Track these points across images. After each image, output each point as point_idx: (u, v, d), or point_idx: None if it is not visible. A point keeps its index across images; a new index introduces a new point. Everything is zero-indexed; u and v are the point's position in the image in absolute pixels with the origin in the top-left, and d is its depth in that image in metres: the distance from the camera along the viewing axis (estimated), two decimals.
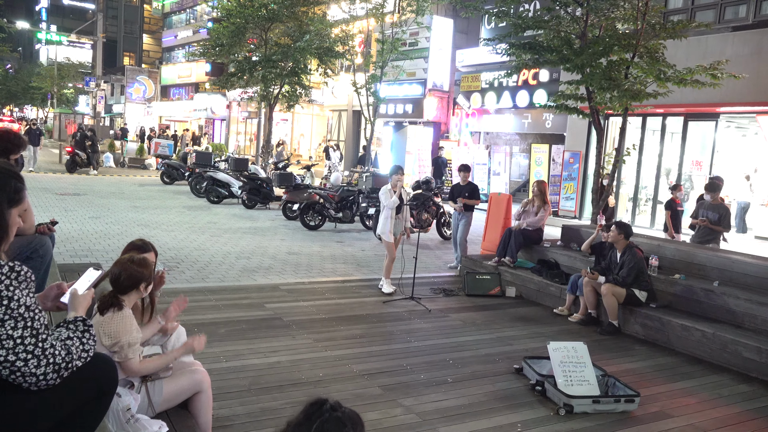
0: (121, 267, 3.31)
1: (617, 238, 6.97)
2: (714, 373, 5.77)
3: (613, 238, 7.00)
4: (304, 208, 13.10)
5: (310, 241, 11.69)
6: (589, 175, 16.75)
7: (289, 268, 9.15)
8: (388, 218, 7.79)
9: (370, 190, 13.30)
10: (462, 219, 9.91)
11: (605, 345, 6.42)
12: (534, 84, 19.52)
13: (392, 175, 7.91)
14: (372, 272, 9.25)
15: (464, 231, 9.93)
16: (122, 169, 25.32)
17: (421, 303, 7.47)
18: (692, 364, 6.00)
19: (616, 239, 6.98)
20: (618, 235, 6.96)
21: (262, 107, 24.21)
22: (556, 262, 8.50)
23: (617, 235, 6.96)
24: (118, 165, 26.51)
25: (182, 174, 19.90)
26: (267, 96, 21.19)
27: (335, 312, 6.82)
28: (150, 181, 21.08)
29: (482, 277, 8.38)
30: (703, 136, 15.40)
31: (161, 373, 3.43)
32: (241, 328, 5.95)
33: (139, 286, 3.31)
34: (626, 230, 6.99)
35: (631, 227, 7.12)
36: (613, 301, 6.76)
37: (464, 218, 9.91)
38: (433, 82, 23.31)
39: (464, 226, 9.93)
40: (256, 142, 27.74)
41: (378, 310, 7.09)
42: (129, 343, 3.21)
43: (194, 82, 42.54)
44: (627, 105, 10.32)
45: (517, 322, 7.09)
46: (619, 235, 6.95)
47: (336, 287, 8.06)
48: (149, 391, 3.37)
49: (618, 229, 6.97)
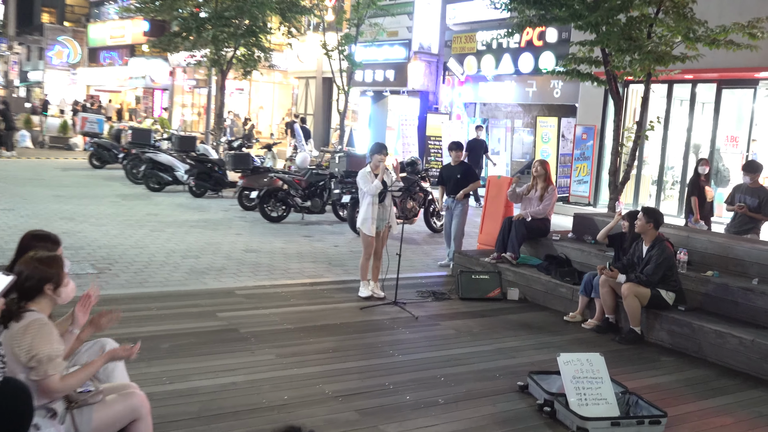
0: (23, 266, 3.28)
1: (645, 227, 6.99)
2: (753, 387, 5.85)
3: (640, 227, 7.02)
4: (264, 196, 13.03)
5: (271, 235, 11.65)
6: (605, 153, 16.87)
7: (247, 268, 9.11)
8: (369, 207, 7.78)
9: (345, 174, 13.27)
10: (457, 208, 9.93)
11: (626, 356, 6.47)
12: (540, 45, 19.57)
13: (373, 154, 7.89)
14: (347, 273, 9.23)
15: (460, 222, 9.95)
16: (42, 150, 25.01)
17: (406, 309, 7.46)
18: (728, 377, 6.07)
19: (644, 229, 7.00)
20: (646, 224, 6.97)
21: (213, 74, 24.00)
22: (567, 258, 8.54)
23: (645, 224, 6.97)
24: (37, 145, 26.14)
25: (115, 156, 19.70)
26: (218, 60, 20.99)
27: (303, 321, 6.79)
28: (76, 165, 20.84)
29: (479, 277, 8.40)
30: (740, 107, 15.55)
31: (90, 399, 3.39)
32: (189, 343, 5.91)
33: (44, 288, 3.28)
34: (656, 218, 7.00)
35: (661, 215, 7.16)
36: (636, 304, 6.82)
37: (459, 207, 9.92)
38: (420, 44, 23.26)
39: (459, 216, 9.94)
40: (206, 116, 27.53)
41: (354, 318, 7.07)
42: (49, 356, 3.17)
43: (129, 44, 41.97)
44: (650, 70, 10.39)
45: (521, 330, 7.12)
46: (648, 224, 6.96)
47: (304, 291, 8.03)
48: (75, 420, 3.33)
49: (646, 217, 6.98)
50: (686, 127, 15.95)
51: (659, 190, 16.61)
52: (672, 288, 6.89)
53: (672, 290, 6.89)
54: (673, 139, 16.53)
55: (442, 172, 10.23)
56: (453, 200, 9.90)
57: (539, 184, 9.07)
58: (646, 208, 7.16)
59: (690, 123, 15.90)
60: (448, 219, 10.11)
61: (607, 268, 7.10)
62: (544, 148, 18.86)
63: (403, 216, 9.09)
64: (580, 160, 17.62)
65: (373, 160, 7.87)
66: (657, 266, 6.81)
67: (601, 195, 17.20)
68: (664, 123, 15.88)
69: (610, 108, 16.28)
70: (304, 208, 13.28)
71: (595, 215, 9.84)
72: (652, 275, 6.82)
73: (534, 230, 8.97)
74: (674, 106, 16.55)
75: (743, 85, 14.99)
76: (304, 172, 13.76)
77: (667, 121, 16.11)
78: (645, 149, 16.52)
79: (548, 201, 8.97)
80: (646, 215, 7.00)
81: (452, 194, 9.91)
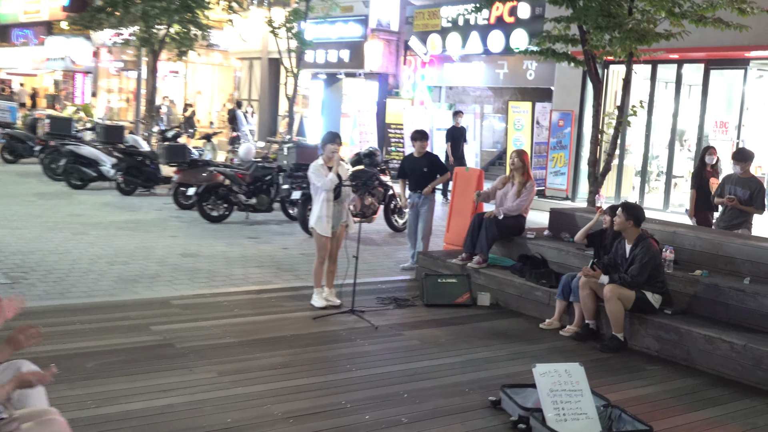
0: None
1: (625, 225, 7.11)
2: (746, 396, 5.97)
3: (619, 225, 7.14)
4: (203, 192, 12.91)
5: (212, 237, 11.57)
6: (584, 142, 17.08)
7: (184, 275, 9.04)
8: (324, 204, 7.75)
9: (295, 167, 13.21)
10: (424, 204, 9.97)
11: (608, 365, 6.56)
12: (511, 22, 19.75)
13: (325, 144, 7.87)
14: (298, 278, 9.21)
15: (428, 219, 10.00)
16: None
17: (364, 318, 7.47)
18: (719, 386, 6.19)
19: (624, 227, 7.12)
20: (626, 221, 7.09)
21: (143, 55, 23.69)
22: (543, 258, 8.63)
23: (624, 221, 7.09)
24: None
25: (31, 149, 19.32)
26: (149, 39, 20.72)
27: (248, 334, 6.76)
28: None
29: (446, 280, 8.44)
30: (729, 89, 15.89)
31: (3, 428, 3.33)
32: (118, 361, 5.84)
33: None
34: (636, 214, 7.13)
35: (642, 210, 7.28)
36: (619, 308, 6.92)
37: (426, 203, 9.96)
38: (378, 20, 23.28)
39: (427, 213, 9.99)
40: (136, 103, 27.17)
41: (307, 329, 7.06)
42: None
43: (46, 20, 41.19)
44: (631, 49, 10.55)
45: (493, 339, 7.16)
46: (627, 222, 7.08)
47: (249, 300, 7.99)
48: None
49: (625, 214, 7.10)
50: (672, 111, 16.24)
51: (643, 182, 16.89)
52: (658, 289, 7.01)
53: (658, 292, 7.01)
54: (658, 125, 16.82)
55: (404, 164, 10.24)
56: (419, 196, 9.95)
57: (516, 179, 9.09)
58: (625, 204, 7.29)
59: (676, 107, 16.20)
60: (412, 217, 10.13)
61: (590, 266, 7.20)
62: (516, 136, 19.03)
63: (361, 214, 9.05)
64: (556, 150, 17.82)
65: (326, 151, 7.84)
66: (642, 266, 6.92)
67: (580, 188, 17.42)
68: (647, 108, 16.09)
69: (588, 91, 16.51)
70: (248, 206, 13.19)
71: (573, 210, 9.95)
72: (637, 276, 6.93)
73: (506, 229, 9.01)
74: (659, 88, 16.85)
75: (733, 65, 15.30)
76: (249, 166, 13.66)
77: (651, 106, 16.36)
78: (627, 137, 16.78)
79: (525, 197, 9.01)
80: (625, 212, 7.10)
81: (418, 189, 9.94)
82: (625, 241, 7.20)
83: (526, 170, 9.13)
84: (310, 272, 8.29)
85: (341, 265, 8.02)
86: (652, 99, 16.45)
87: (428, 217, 10.01)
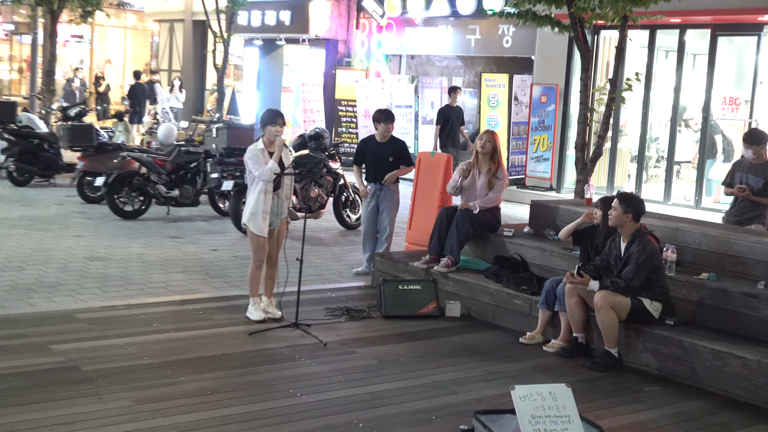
0: None
1: (622, 219, 7.15)
2: (761, 421, 6.07)
3: (616, 219, 7.19)
4: (114, 182, 12.76)
5: (126, 237, 11.48)
6: (571, 121, 17.20)
7: (92, 283, 8.97)
8: (261, 197, 7.70)
9: (226, 152, 13.12)
10: (386, 197, 9.97)
11: (600, 386, 6.63)
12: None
13: (265, 126, 7.81)
14: (230, 286, 9.17)
15: (391, 215, 10.02)
16: None
17: (310, 333, 7.46)
18: (729, 409, 6.29)
19: (621, 221, 7.17)
20: (623, 214, 7.13)
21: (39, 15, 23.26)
22: (523, 259, 8.69)
23: (622, 214, 7.14)
24: None
25: None
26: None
27: (170, 353, 6.72)
28: None
29: (408, 287, 8.45)
30: (740, 60, 16.09)
31: None
32: (10, 388, 5.76)
33: None
34: (636, 207, 7.18)
35: (642, 202, 7.36)
36: (612, 318, 6.97)
37: (389, 195, 9.97)
38: None
39: (391, 208, 10.00)
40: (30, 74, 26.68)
41: (241, 347, 7.03)
42: None
43: None
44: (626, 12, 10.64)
45: (464, 356, 7.20)
46: (626, 215, 7.13)
47: (171, 313, 7.94)
48: None
49: (623, 206, 7.14)
50: (673, 86, 16.36)
51: (641, 169, 17.01)
52: (658, 296, 7.09)
53: (657, 299, 7.09)
54: (657, 102, 16.93)
55: (363, 149, 10.17)
56: (380, 187, 9.94)
57: (484, 166, 9.10)
58: (623, 195, 7.32)
59: (678, 81, 16.31)
60: (371, 212, 10.11)
61: (576, 272, 7.26)
62: (491, 114, 19.09)
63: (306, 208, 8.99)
64: (538, 131, 17.92)
65: (267, 133, 7.80)
66: (638, 267, 6.98)
67: (567, 176, 17.55)
68: (645, 81, 16.21)
69: (576, 62, 16.58)
70: (169, 199, 13.08)
71: (558, 203, 10.00)
72: (632, 279, 7.00)
73: (480, 225, 9.02)
74: (658, 59, 16.97)
75: (744, 31, 15.46)
76: (170, 150, 13.52)
77: (649, 79, 16.47)
78: (621, 115, 16.91)
79: (500, 187, 9.08)
80: (623, 203, 7.15)
81: (378, 180, 9.92)
82: (620, 238, 7.27)
83: (498, 156, 9.18)
84: (245, 278, 8.25)
85: (282, 269, 8.00)
86: (650, 71, 16.55)
87: (392, 213, 10.01)
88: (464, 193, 9.19)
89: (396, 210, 10.09)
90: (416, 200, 10.83)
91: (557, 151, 17.71)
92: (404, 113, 20.54)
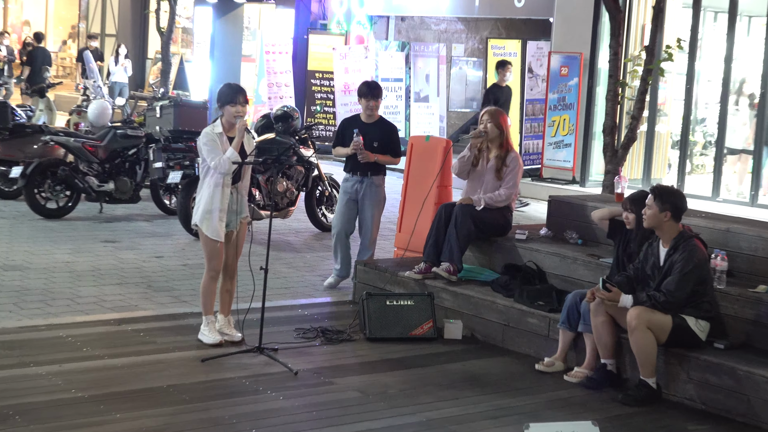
0: None
1: (659, 219, 7.09)
2: None
3: (651, 220, 7.12)
4: (34, 173, 12.74)
5: (49, 240, 11.47)
6: (597, 99, 17.24)
7: (6, 297, 8.95)
8: (217, 192, 7.70)
9: (173, 136, 13.09)
10: (370, 192, 9.96)
11: (634, 425, 6.65)
12: None
13: (224, 105, 7.80)
14: (178, 301, 9.18)
15: (373, 214, 10.01)
16: None
17: (277, 359, 7.45)
18: None
19: (657, 222, 7.12)
20: (660, 213, 7.08)
21: None
22: (540, 268, 8.71)
23: (658, 213, 7.08)
24: None
25: None
26: None
27: (104, 385, 6.70)
28: None
29: (397, 303, 8.45)
30: None
31: None
32: None
33: None
34: (675, 203, 7.13)
35: (682, 197, 7.35)
36: (650, 341, 6.97)
37: (373, 189, 9.96)
38: None
39: (373, 207, 9.99)
40: None
41: (192, 376, 7.02)
42: None
43: None
44: None
45: (467, 388, 7.19)
46: (662, 214, 7.08)
47: (105, 335, 7.91)
48: None
49: (659, 202, 7.08)
50: (724, 54, 16.41)
51: (683, 158, 17.02)
52: (704, 313, 7.09)
53: (704, 317, 7.09)
54: (704, 74, 16.97)
55: (345, 130, 10.14)
56: (361, 180, 9.94)
57: (492, 151, 9.14)
58: (659, 189, 7.29)
59: (730, 48, 16.33)
60: (346, 206, 10.10)
61: (601, 287, 7.19)
62: None
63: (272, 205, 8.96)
64: (558, 110, 17.93)
65: (225, 114, 7.79)
66: (682, 278, 6.95)
67: (593, 166, 17.60)
68: (689, 49, 16.26)
69: (604, 25, 16.63)
70: (103, 194, 13.05)
71: (583, 199, 10.01)
72: (674, 292, 6.96)
73: (487, 225, 9.05)
74: (705, 21, 17.00)
75: None
76: (103, 134, 13.48)
77: (693, 47, 16.49)
78: (660, 92, 16.94)
79: (512, 178, 9.07)
80: (659, 199, 7.10)
81: (359, 170, 9.92)
82: (658, 243, 7.29)
83: (505, 137, 9.20)
84: (197, 292, 8.26)
85: (243, 281, 8.00)
86: (695, 36, 16.55)
87: (376, 212, 10.03)
88: (468, 184, 9.23)
89: (381, 208, 10.11)
90: (408, 196, 10.79)
91: (581, 136, 17.72)
92: (393, 88, 20.57)
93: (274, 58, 22.34)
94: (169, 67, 21.65)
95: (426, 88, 20.54)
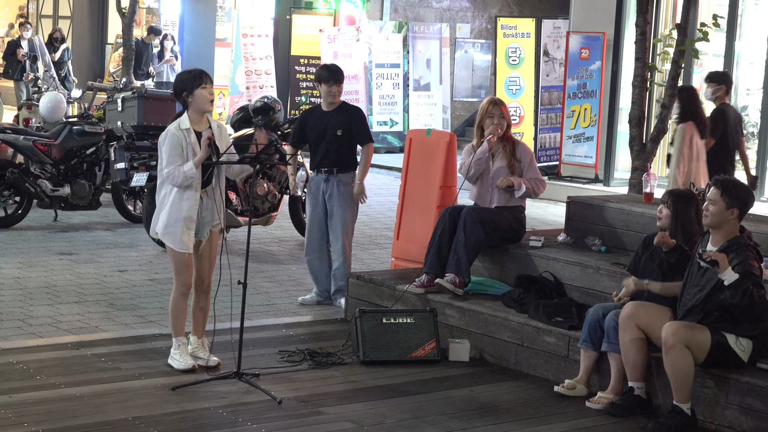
0: None
1: (724, 217, 6.88)
2: None
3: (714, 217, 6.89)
4: None
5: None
6: (623, 86, 17.25)
7: None
8: (182, 197, 7.65)
9: (137, 132, 13.10)
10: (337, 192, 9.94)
11: None
12: None
13: (191, 91, 7.74)
14: (144, 321, 9.20)
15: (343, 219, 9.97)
16: None
17: (258, 386, 7.42)
18: None
19: (720, 221, 6.91)
20: (726, 209, 6.88)
21: None
22: (558, 280, 8.68)
23: (724, 210, 6.86)
24: None
25: None
26: None
27: (60, 417, 6.69)
28: None
29: (396, 320, 8.44)
30: None
31: None
32: None
33: None
34: (744, 199, 6.97)
35: (753, 195, 7.27)
36: (688, 362, 6.89)
37: (341, 188, 9.94)
38: None
39: (341, 209, 9.95)
40: None
41: (161, 407, 7.00)
42: None
43: None
44: None
45: (476, 416, 7.17)
46: (729, 211, 6.91)
47: (62, 360, 7.91)
48: None
49: (726, 197, 6.87)
50: (767, 34, 16.43)
51: None
52: (748, 331, 7.02)
53: (747, 335, 7.03)
54: (745, 56, 17.00)
55: (305, 124, 10.22)
56: (326, 177, 9.94)
57: (499, 147, 9.17)
58: (727, 182, 7.10)
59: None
60: (318, 213, 10.09)
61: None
62: (511, 76, 19.16)
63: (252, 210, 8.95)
64: (578, 99, 17.98)
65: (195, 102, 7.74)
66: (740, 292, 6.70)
67: (618, 162, 17.63)
68: (727, 27, 16.30)
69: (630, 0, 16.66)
70: (57, 200, 13.08)
71: (606, 200, 10.00)
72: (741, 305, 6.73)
73: (499, 229, 9.08)
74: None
75: None
76: (57, 131, 13.50)
77: (732, 24, 16.56)
78: (694, 76, 16.95)
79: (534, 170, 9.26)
80: (726, 194, 6.93)
81: (325, 166, 9.94)
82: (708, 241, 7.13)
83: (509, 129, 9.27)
84: (166, 311, 8.23)
85: (220, 298, 7.97)
86: (734, 13, 16.63)
87: (346, 215, 9.98)
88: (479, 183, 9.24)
89: (354, 210, 10.08)
90: (406, 198, 10.79)
91: (604, 128, 17.78)
92: (388, 75, 20.59)
93: (252, 42, 22.39)
94: (131, 53, 21.56)
95: (427, 75, 20.59)
